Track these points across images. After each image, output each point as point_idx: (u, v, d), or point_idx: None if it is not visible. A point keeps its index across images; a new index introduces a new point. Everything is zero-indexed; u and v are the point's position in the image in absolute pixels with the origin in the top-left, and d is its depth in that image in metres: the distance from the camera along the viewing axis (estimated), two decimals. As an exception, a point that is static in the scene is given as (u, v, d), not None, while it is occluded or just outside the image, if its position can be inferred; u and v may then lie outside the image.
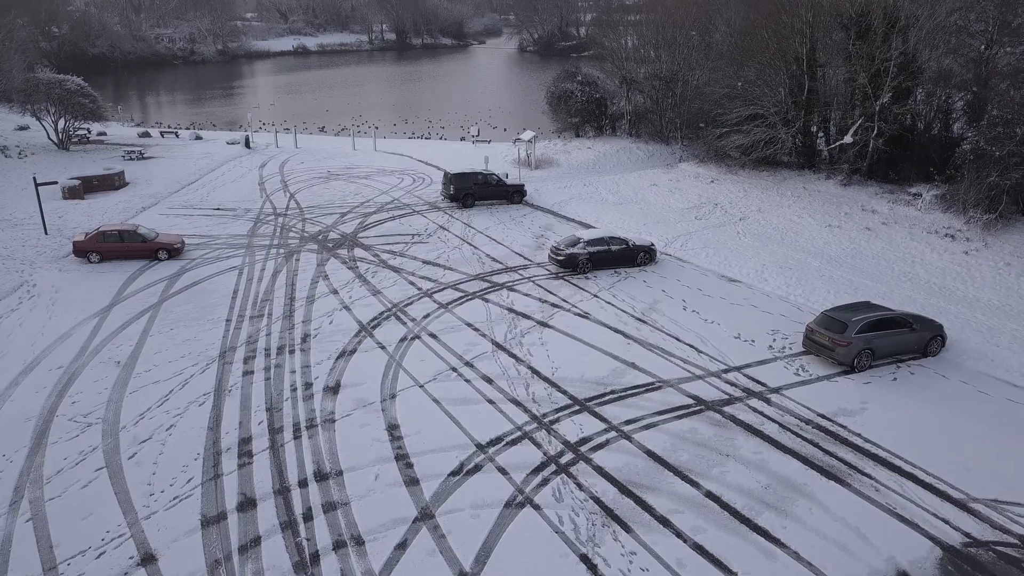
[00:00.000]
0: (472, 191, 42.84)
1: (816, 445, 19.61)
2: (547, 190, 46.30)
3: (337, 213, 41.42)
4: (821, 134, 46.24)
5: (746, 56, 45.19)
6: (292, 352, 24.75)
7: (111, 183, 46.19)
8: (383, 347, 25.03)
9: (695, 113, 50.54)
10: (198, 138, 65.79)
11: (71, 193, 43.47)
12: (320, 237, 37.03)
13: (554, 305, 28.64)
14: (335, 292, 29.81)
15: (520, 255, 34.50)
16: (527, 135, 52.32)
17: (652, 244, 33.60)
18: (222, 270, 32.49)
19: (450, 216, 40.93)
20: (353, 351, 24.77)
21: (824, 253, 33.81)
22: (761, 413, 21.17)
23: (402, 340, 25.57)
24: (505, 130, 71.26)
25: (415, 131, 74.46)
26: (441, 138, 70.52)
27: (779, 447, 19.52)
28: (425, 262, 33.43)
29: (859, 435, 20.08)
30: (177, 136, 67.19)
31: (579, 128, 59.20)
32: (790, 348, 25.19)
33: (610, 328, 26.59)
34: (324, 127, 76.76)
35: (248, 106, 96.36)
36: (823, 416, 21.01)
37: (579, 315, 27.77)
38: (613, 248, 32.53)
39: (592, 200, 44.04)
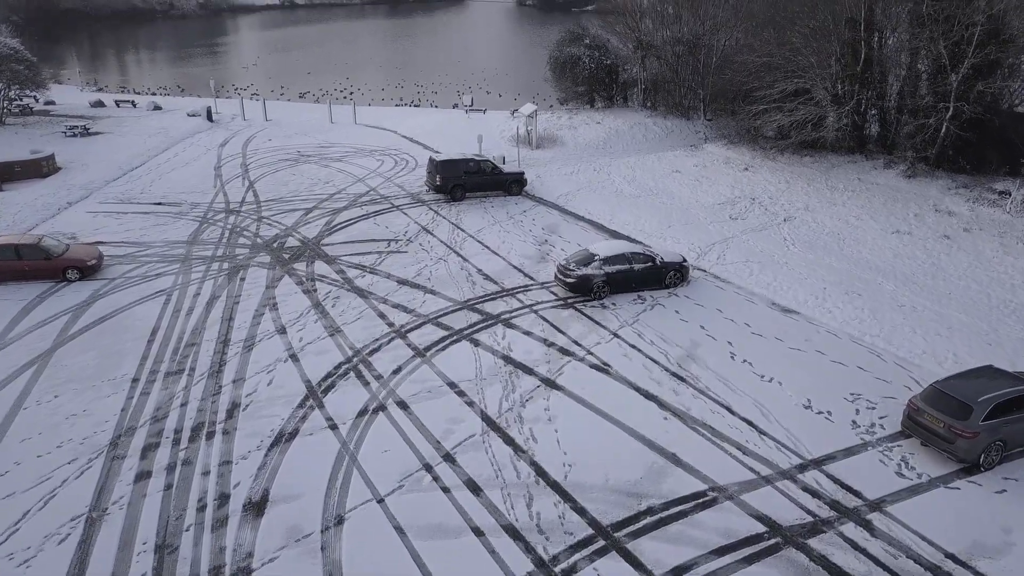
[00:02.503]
0: (462, 181, 35.94)
1: (957, 621, 13.29)
2: (551, 177, 39.48)
3: (301, 209, 34.66)
4: (874, 112, 39.09)
5: (789, 19, 37.94)
6: (211, 436, 18.27)
7: (37, 169, 39.08)
8: (334, 427, 18.56)
9: (723, 85, 43.33)
10: (157, 108, 58.45)
11: (-15, 183, 36.60)
12: (275, 244, 30.35)
13: (564, 351, 22.13)
14: (283, 331, 23.26)
15: (519, 270, 27.92)
16: (527, 109, 45.23)
17: (684, 260, 26.88)
18: (145, 296, 25.87)
19: (436, 213, 34.17)
20: (294, 434, 18.30)
21: (896, 271, 27.18)
22: (864, 552, 14.78)
23: (361, 413, 19.09)
24: (500, 96, 64.02)
25: (403, 97, 67.13)
26: (432, 105, 63.32)
27: (902, 624, 13.21)
28: (401, 282, 26.84)
29: (1014, 598, 13.76)
30: (134, 106, 59.82)
31: (590, 98, 51.93)
32: (881, 425, 18.74)
33: (639, 391, 20.11)
34: (305, 93, 69.43)
35: (233, 65, 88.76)
36: (954, 558, 14.64)
37: (596, 367, 21.29)
38: (636, 267, 25.88)
39: (604, 191, 37.23)
